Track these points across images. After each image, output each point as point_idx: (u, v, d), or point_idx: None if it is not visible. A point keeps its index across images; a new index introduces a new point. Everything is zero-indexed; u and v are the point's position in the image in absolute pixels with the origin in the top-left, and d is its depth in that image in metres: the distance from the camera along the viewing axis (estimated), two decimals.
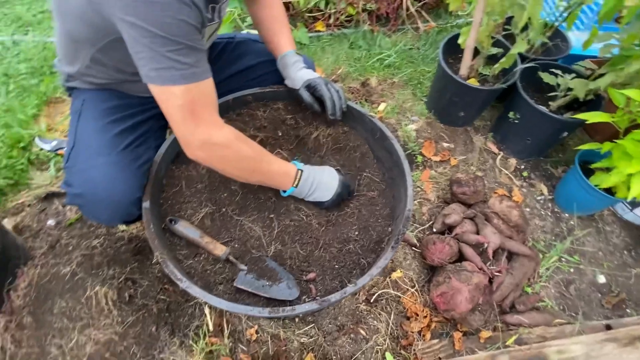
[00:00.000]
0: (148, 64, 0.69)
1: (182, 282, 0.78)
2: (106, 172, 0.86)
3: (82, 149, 0.89)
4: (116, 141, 0.90)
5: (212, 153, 0.80)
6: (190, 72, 0.71)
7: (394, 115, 1.72)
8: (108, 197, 0.86)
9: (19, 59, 1.83)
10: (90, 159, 0.87)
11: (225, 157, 0.82)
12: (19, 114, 1.56)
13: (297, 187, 0.97)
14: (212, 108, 0.79)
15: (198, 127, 0.76)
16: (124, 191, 0.87)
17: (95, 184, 0.86)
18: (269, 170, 0.91)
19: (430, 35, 2.11)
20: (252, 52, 1.17)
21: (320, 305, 0.77)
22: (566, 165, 1.62)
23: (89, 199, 0.87)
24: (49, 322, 1.03)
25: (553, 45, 1.63)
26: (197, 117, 0.75)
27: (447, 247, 1.20)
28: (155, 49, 0.67)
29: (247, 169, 0.87)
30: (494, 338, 1.14)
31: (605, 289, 1.32)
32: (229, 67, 1.15)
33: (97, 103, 0.95)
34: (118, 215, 0.91)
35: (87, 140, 0.90)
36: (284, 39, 1.05)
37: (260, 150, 0.89)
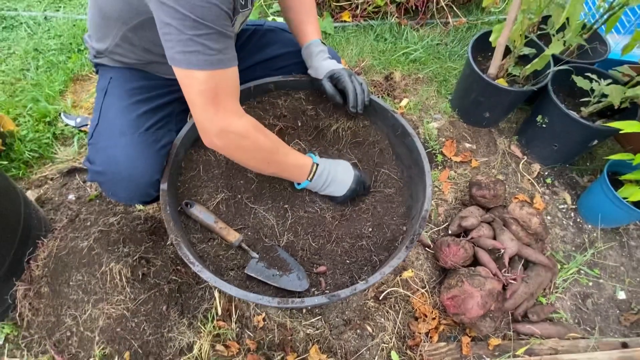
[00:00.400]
0: (175, 46, 0.69)
1: (194, 266, 0.78)
2: (127, 152, 0.87)
3: (105, 127, 0.91)
4: (139, 122, 0.91)
5: (229, 142, 0.79)
6: (217, 59, 0.70)
7: (417, 112, 1.68)
8: (128, 176, 0.87)
9: (49, 35, 1.87)
10: (113, 137, 0.89)
11: (242, 147, 0.81)
12: (46, 89, 1.59)
13: (312, 181, 0.96)
14: (234, 96, 0.78)
15: (217, 115, 0.75)
16: (144, 172, 0.88)
17: (116, 162, 0.87)
18: (285, 163, 0.91)
19: (460, 31, 2.04)
20: (279, 42, 1.15)
21: (329, 299, 0.76)
22: (593, 175, 1.56)
23: (109, 177, 0.88)
24: (65, 293, 1.07)
25: (590, 48, 1.55)
26: (218, 104, 0.74)
27: (461, 251, 1.17)
28: (184, 31, 0.66)
29: (263, 160, 0.86)
30: (503, 346, 1.12)
31: (625, 306, 1.27)
32: (255, 55, 1.14)
33: (123, 82, 0.96)
34: (136, 195, 0.92)
35: (111, 119, 0.91)
36: (310, 28, 1.03)
37: (278, 142, 0.88)
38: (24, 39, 1.83)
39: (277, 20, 1.93)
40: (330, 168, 0.98)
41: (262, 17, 2.00)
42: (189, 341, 1.07)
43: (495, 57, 1.41)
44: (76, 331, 1.04)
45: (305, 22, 1.03)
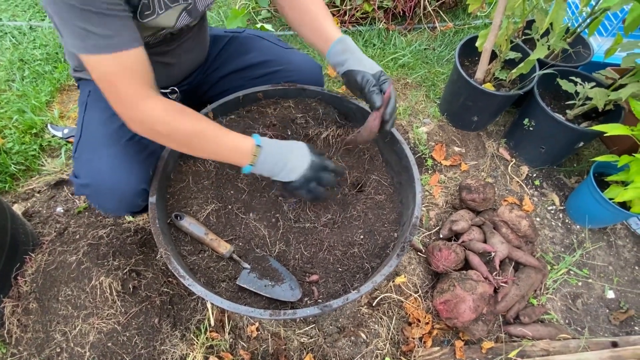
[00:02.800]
0: (63, 32, 0.68)
1: (185, 279, 0.78)
2: (111, 163, 0.86)
3: (88, 140, 0.90)
4: (121, 132, 0.90)
5: (144, 128, 0.77)
6: (104, 43, 0.67)
7: (406, 117, 1.70)
8: (113, 187, 0.86)
9: (35, 44, 1.85)
10: (96, 150, 0.88)
11: (159, 133, 0.78)
12: (32, 100, 1.57)
13: (255, 165, 0.84)
14: (136, 80, 0.73)
15: (120, 101, 0.73)
16: (129, 182, 0.87)
17: (101, 174, 0.86)
18: (216, 145, 0.82)
19: (447, 35, 2.07)
20: (256, 50, 1.13)
21: (321, 310, 0.76)
22: (580, 176, 1.59)
23: (95, 189, 0.87)
24: (54, 308, 1.05)
25: (574, 52, 1.58)
26: (118, 90, 0.72)
27: (453, 254, 1.18)
28: (65, 17, 0.65)
29: (186, 143, 0.81)
30: (496, 349, 1.13)
31: (614, 305, 1.30)
32: (231, 63, 1.12)
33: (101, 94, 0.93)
34: (124, 206, 0.91)
35: (93, 131, 0.91)
36: (332, 26, 0.94)
37: (205, 124, 0.81)
38: (8, 49, 1.80)
39: (267, 27, 1.94)
40: (281, 149, 0.86)
41: (250, 24, 2.00)
42: (182, 354, 1.06)
43: (482, 61, 1.43)
44: (66, 347, 1.02)
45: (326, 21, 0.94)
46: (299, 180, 0.87)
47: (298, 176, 0.86)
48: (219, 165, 1.05)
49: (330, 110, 1.13)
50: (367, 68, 0.88)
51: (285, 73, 1.12)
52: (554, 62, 1.54)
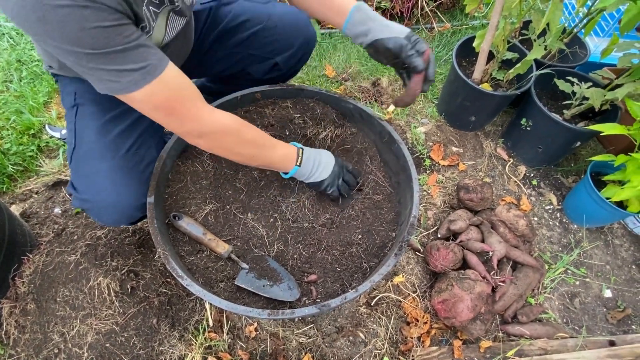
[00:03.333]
0: (95, 81, 0.66)
1: (183, 280, 0.78)
2: (111, 178, 0.85)
3: (84, 152, 0.88)
4: (117, 143, 0.88)
5: (210, 141, 0.78)
6: (142, 75, 0.65)
7: (404, 117, 1.70)
8: (113, 203, 0.86)
9: (32, 45, 1.84)
10: (94, 163, 0.86)
11: (225, 143, 0.80)
12: (30, 101, 1.57)
13: (301, 165, 0.92)
14: (191, 99, 0.72)
15: (184, 122, 0.73)
16: (129, 197, 0.87)
17: (100, 190, 0.86)
18: (271, 155, 0.88)
19: (445, 36, 2.07)
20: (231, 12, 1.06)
21: (319, 309, 0.76)
22: (577, 176, 1.59)
23: (95, 204, 0.87)
24: (52, 309, 1.05)
25: (570, 52, 1.59)
26: (177, 112, 0.71)
27: (451, 254, 1.18)
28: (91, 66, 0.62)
29: (248, 153, 0.84)
30: (494, 348, 1.13)
31: (611, 304, 1.30)
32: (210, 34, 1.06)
33: (90, 96, 0.90)
34: (123, 219, 0.91)
35: (88, 142, 0.88)
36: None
37: (260, 133, 0.86)
38: (6, 50, 1.80)
39: None
40: (315, 153, 0.96)
41: None
42: (181, 354, 1.06)
43: (479, 62, 1.43)
44: (64, 348, 1.02)
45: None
46: (330, 177, 0.97)
47: (328, 174, 0.97)
48: (217, 165, 1.05)
49: (328, 110, 1.14)
50: (396, 32, 0.82)
51: (267, 31, 1.05)
52: (550, 62, 1.55)
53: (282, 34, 1.06)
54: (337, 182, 0.99)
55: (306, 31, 1.09)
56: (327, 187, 0.98)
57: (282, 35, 1.06)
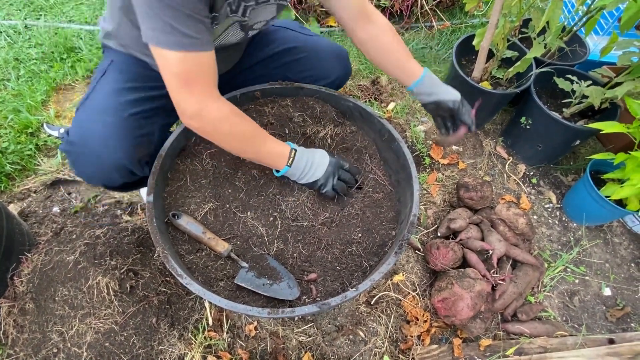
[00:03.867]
0: (146, 21, 0.69)
1: (182, 278, 0.77)
2: (103, 130, 0.87)
3: (92, 104, 0.91)
4: (126, 106, 0.91)
5: (205, 124, 0.81)
6: (188, 41, 0.71)
7: (403, 116, 1.70)
8: (96, 154, 0.87)
9: (30, 43, 1.84)
10: (95, 114, 0.89)
11: (219, 130, 0.83)
12: (28, 99, 1.56)
13: (291, 166, 0.95)
14: (209, 81, 0.78)
15: (192, 97, 0.76)
16: (112, 153, 0.88)
17: (89, 137, 0.87)
18: (263, 148, 0.91)
19: (444, 34, 2.07)
20: (280, 39, 1.15)
21: (319, 308, 0.76)
22: (577, 174, 1.59)
23: (79, 149, 0.88)
24: (51, 309, 1.04)
25: (570, 51, 1.59)
26: (191, 87, 0.75)
27: (450, 253, 1.18)
28: (153, 9, 0.67)
29: (240, 144, 0.87)
30: (494, 346, 1.13)
31: (610, 302, 1.30)
32: (255, 54, 1.14)
33: (122, 67, 0.97)
34: (99, 175, 0.92)
35: (100, 97, 0.92)
36: (414, 63, 1.03)
37: (256, 128, 0.89)
38: (3, 48, 1.79)
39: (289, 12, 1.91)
40: (308, 154, 0.98)
41: None
42: (180, 353, 1.06)
43: (479, 60, 1.43)
44: (63, 347, 1.01)
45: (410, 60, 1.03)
46: (323, 177, 0.98)
47: (321, 174, 0.98)
48: (217, 164, 1.05)
49: (328, 109, 1.14)
50: (453, 96, 1.02)
51: (308, 60, 1.13)
52: (550, 60, 1.55)
53: (322, 65, 1.15)
54: (331, 181, 0.99)
55: (344, 66, 1.19)
56: (321, 187, 1.00)
57: (321, 66, 1.15)
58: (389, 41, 1.01)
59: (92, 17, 2.04)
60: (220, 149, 1.06)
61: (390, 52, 1.03)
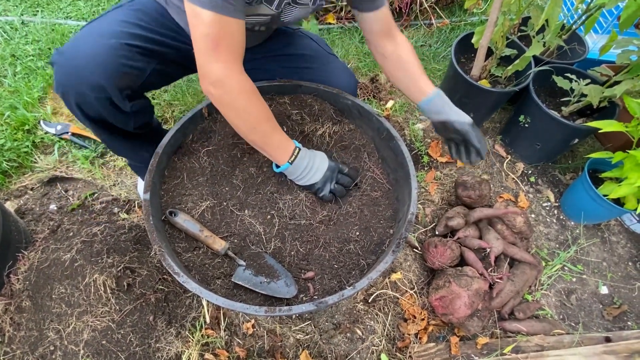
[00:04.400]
0: None
1: (179, 277, 0.77)
2: (94, 48, 0.86)
3: (95, 26, 0.92)
4: (125, 36, 0.90)
5: (224, 93, 0.80)
6: (224, 4, 0.72)
7: (402, 114, 1.70)
8: (79, 66, 0.86)
9: (27, 40, 1.82)
10: (93, 34, 0.89)
11: (235, 103, 0.82)
12: (24, 96, 1.55)
13: (293, 163, 0.95)
14: (237, 50, 0.79)
15: (218, 63, 0.76)
16: (94, 71, 0.86)
17: (79, 51, 0.86)
18: (270, 135, 0.90)
19: (443, 32, 2.06)
20: (301, 45, 1.17)
21: (317, 306, 0.76)
22: (575, 173, 1.59)
23: (64, 61, 0.87)
24: (48, 306, 1.04)
25: (569, 49, 1.59)
26: (220, 52, 0.75)
27: (448, 251, 1.18)
28: None
29: (249, 122, 0.86)
30: (491, 345, 1.13)
31: (607, 300, 1.31)
32: (273, 48, 1.15)
33: (139, 6, 0.97)
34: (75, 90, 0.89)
35: (107, 21, 0.92)
36: (427, 79, 1.05)
37: (269, 113, 0.89)
38: (0, 44, 1.78)
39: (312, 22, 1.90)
40: (310, 156, 0.99)
41: None
42: (177, 351, 1.06)
43: (478, 58, 1.43)
44: (60, 345, 1.01)
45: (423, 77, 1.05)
46: (321, 181, 0.99)
47: (319, 178, 0.99)
48: (214, 161, 1.04)
49: (326, 107, 1.13)
50: (463, 118, 1.02)
51: (320, 72, 1.15)
52: (549, 59, 1.54)
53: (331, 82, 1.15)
54: (328, 186, 1.00)
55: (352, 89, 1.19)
56: (318, 191, 1.01)
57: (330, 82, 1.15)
58: (405, 57, 1.04)
59: (89, 13, 2.02)
60: (217, 146, 1.06)
61: (403, 67, 1.05)
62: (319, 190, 1.01)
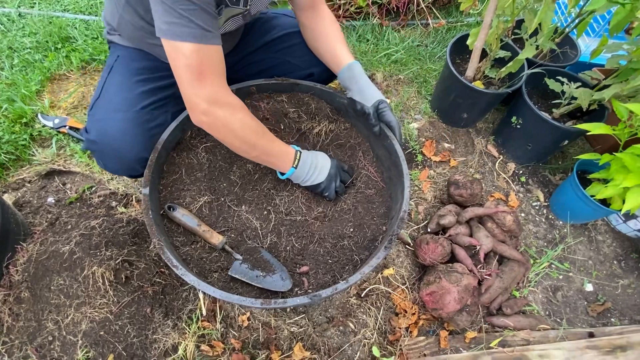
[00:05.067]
0: (161, 16, 0.71)
1: (178, 269, 0.80)
2: (120, 127, 0.92)
3: (104, 102, 0.96)
4: (136, 100, 0.94)
5: (216, 119, 0.81)
6: (201, 33, 0.73)
7: (397, 113, 1.72)
8: (117, 149, 0.93)
9: (24, 32, 1.82)
10: (109, 112, 0.94)
11: (229, 125, 0.83)
12: (22, 89, 1.56)
13: (297, 167, 0.97)
14: (220, 74, 0.80)
15: (204, 89, 0.77)
16: (131, 148, 0.93)
17: (109, 135, 0.92)
18: (270, 147, 0.92)
19: (439, 32, 2.09)
20: (279, 25, 1.18)
21: (311, 299, 0.79)
22: (564, 173, 1.63)
23: (101, 147, 0.94)
24: (46, 298, 1.06)
25: (561, 52, 1.62)
26: (204, 79, 0.76)
27: (439, 248, 1.22)
28: (168, 2, 0.69)
29: (248, 141, 0.87)
30: (478, 339, 1.17)
31: (592, 297, 1.35)
32: (258, 40, 1.17)
33: (129, 61, 1.01)
34: (123, 168, 0.98)
35: (111, 94, 0.96)
36: (345, 50, 1.05)
37: (264, 127, 0.91)
38: None
39: None
40: (312, 156, 1.01)
41: None
42: (174, 342, 1.08)
43: (473, 59, 1.46)
44: (58, 335, 1.03)
45: (339, 47, 1.05)
46: (326, 180, 1.01)
47: (325, 177, 1.01)
48: (212, 157, 1.06)
49: (323, 105, 1.15)
50: (366, 99, 1.00)
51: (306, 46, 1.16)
52: (542, 61, 1.58)
53: None
54: (333, 184, 1.03)
55: None
56: (324, 190, 1.03)
57: None
58: (325, 29, 1.05)
59: (87, 6, 2.02)
60: (216, 142, 1.08)
61: (323, 38, 1.07)
62: (325, 190, 1.03)
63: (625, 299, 1.36)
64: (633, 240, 1.49)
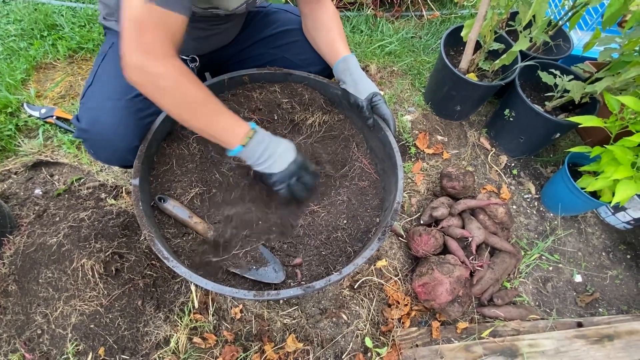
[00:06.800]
0: None
1: (169, 261, 0.78)
2: (112, 115, 0.90)
3: (96, 90, 0.95)
4: (129, 88, 0.92)
5: (145, 79, 0.74)
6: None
7: (391, 105, 1.71)
8: (108, 138, 0.91)
9: (8, 19, 1.76)
10: (101, 100, 0.92)
11: (160, 87, 0.75)
12: (7, 78, 1.51)
13: (246, 146, 0.83)
14: (165, 37, 0.72)
15: (138, 49, 0.70)
16: (123, 137, 0.91)
17: (100, 124, 0.90)
18: (215, 118, 0.82)
19: (434, 24, 2.08)
20: (280, 20, 1.18)
21: (304, 291, 0.78)
22: (555, 166, 1.65)
23: (92, 136, 0.92)
24: (35, 291, 1.04)
25: (554, 45, 1.62)
26: (143, 36, 0.70)
27: (432, 240, 1.22)
28: None
29: (187, 109, 0.79)
30: (470, 329, 1.18)
31: (581, 288, 1.37)
32: (257, 33, 1.17)
33: None
34: (114, 158, 0.96)
35: (103, 82, 0.95)
36: (342, 43, 1.05)
37: (209, 96, 0.80)
38: None
39: None
40: (271, 140, 0.87)
41: None
42: (166, 335, 1.07)
43: (466, 52, 1.45)
44: (47, 329, 1.02)
45: (338, 39, 1.04)
46: (281, 173, 0.87)
47: (280, 169, 0.87)
48: (203, 148, 1.05)
49: (317, 96, 1.14)
50: (360, 92, 1.00)
51: (305, 44, 1.15)
52: (535, 54, 1.58)
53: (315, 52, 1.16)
54: (289, 181, 0.89)
55: None
56: (276, 183, 0.89)
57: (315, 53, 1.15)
58: (326, 19, 1.05)
59: None
60: None
61: (321, 25, 1.06)
62: (277, 183, 0.89)
63: (613, 290, 1.38)
64: (621, 232, 1.52)
